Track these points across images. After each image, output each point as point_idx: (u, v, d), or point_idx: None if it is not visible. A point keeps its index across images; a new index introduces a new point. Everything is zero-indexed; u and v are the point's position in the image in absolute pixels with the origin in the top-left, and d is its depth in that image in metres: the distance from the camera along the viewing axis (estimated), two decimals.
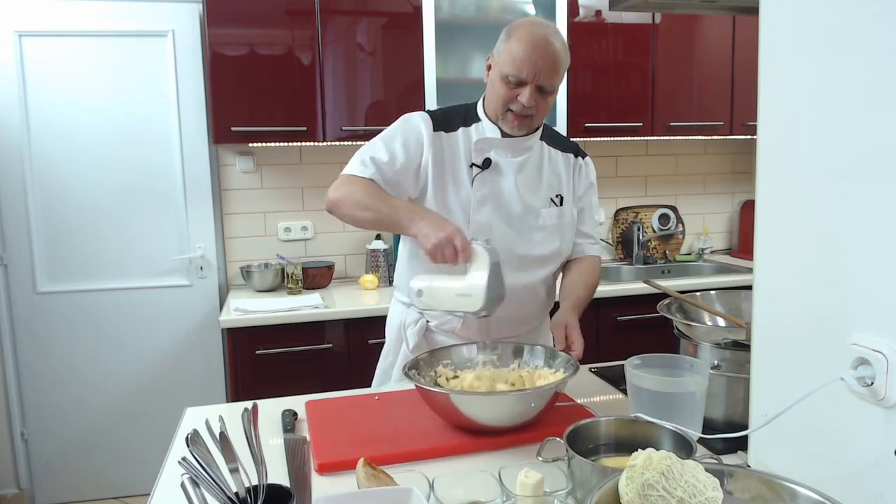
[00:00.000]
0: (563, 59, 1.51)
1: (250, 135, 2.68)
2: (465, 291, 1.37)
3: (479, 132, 1.62)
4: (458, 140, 1.61)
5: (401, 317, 1.72)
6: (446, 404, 1.23)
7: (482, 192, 1.58)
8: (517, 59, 1.48)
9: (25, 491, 2.94)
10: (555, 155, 1.69)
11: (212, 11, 2.56)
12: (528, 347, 1.47)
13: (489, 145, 1.59)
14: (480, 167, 1.58)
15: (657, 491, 0.77)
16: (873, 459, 0.85)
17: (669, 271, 3.36)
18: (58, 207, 2.84)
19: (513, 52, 1.49)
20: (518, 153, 1.61)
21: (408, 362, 1.37)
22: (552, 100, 1.56)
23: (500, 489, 0.94)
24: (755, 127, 1.03)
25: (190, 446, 0.81)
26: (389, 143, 1.58)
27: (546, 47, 1.48)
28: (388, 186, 1.55)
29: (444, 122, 1.62)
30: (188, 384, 3.01)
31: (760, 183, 1.02)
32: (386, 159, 1.55)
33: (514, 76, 1.49)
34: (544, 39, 1.48)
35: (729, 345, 1.29)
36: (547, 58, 1.48)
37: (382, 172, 1.55)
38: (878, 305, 0.83)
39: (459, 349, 1.48)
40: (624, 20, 2.94)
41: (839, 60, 0.87)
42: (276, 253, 3.03)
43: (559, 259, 1.69)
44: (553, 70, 1.49)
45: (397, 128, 1.62)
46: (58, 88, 2.78)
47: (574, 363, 1.35)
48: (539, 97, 1.51)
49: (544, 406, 1.24)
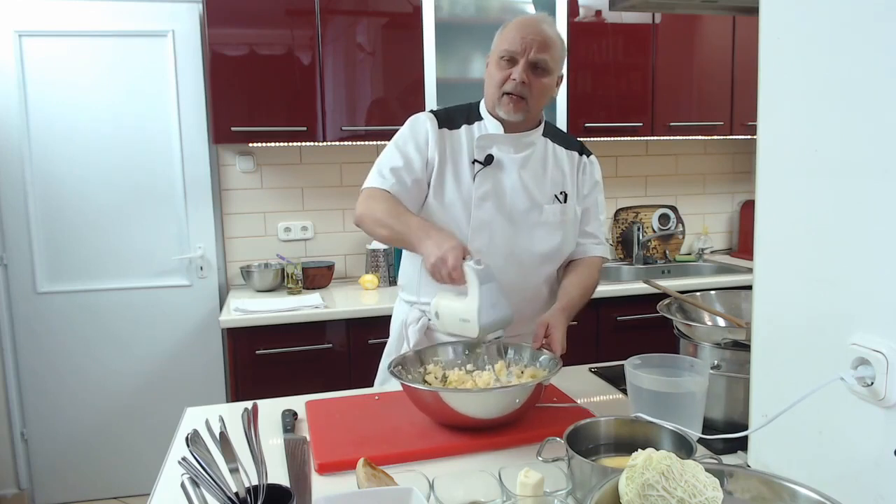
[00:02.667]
0: (555, 40, 1.55)
1: (250, 135, 2.68)
2: (465, 316, 1.34)
3: (481, 129, 1.63)
4: (462, 137, 1.62)
5: (403, 315, 1.72)
6: (432, 401, 1.24)
7: (484, 188, 1.58)
8: (508, 37, 1.54)
9: (25, 491, 2.94)
10: (559, 152, 1.69)
11: (212, 11, 2.56)
12: (513, 346, 1.47)
13: (491, 141, 1.60)
14: (482, 163, 1.59)
15: (657, 491, 0.77)
16: (873, 459, 0.85)
17: (669, 271, 3.36)
18: (58, 207, 2.84)
19: (505, 34, 1.56)
20: (521, 149, 1.62)
21: (393, 360, 1.38)
22: (547, 83, 1.57)
23: (500, 489, 0.94)
24: (755, 127, 1.03)
25: (190, 446, 0.81)
26: (403, 148, 1.60)
27: (536, 26, 1.54)
28: (409, 192, 1.57)
29: (447, 121, 1.64)
30: (188, 384, 3.01)
31: (760, 183, 1.02)
32: (402, 164, 1.58)
33: (507, 51, 1.53)
34: (535, 20, 1.56)
35: (729, 345, 1.29)
36: (537, 34, 1.53)
37: (401, 180, 1.57)
38: (878, 305, 0.83)
39: (446, 348, 1.47)
40: (624, 20, 2.94)
41: (839, 60, 0.87)
42: (276, 253, 3.03)
43: (560, 256, 1.68)
44: (544, 45, 1.53)
45: (407, 130, 1.64)
46: (58, 88, 2.78)
47: (557, 361, 1.35)
48: (532, 76, 1.54)
49: (527, 401, 1.25)
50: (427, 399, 1.25)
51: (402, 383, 1.27)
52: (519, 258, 1.61)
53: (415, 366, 1.41)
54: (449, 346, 1.48)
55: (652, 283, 1.68)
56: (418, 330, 1.65)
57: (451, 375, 1.38)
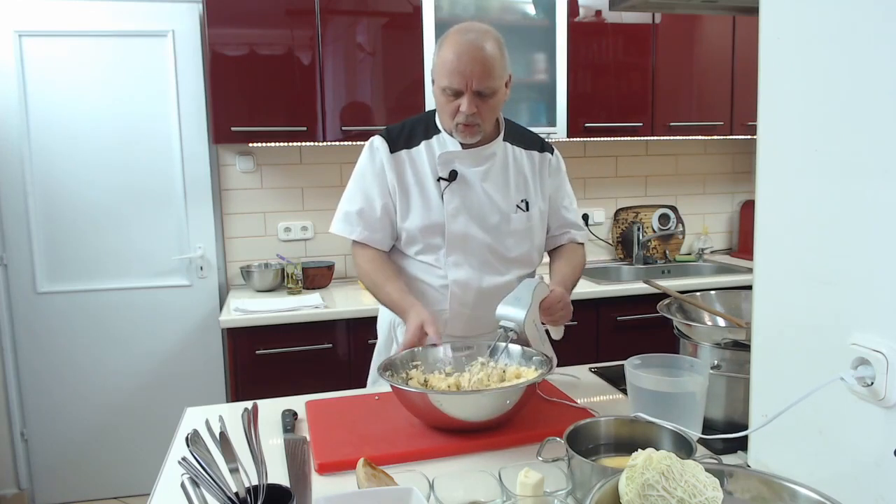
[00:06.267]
0: (496, 59, 1.49)
1: (250, 135, 2.68)
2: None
3: (440, 144, 1.62)
4: (422, 154, 1.62)
5: (389, 316, 1.73)
6: (422, 403, 1.23)
7: (453, 203, 1.59)
8: (448, 69, 1.48)
9: (25, 491, 2.94)
10: (519, 154, 1.68)
11: (212, 11, 2.56)
12: (503, 346, 1.45)
13: (452, 157, 1.60)
14: (448, 180, 1.59)
15: (657, 491, 0.77)
16: (873, 459, 0.85)
17: (669, 271, 3.36)
18: (58, 207, 2.84)
19: (443, 63, 1.49)
20: (481, 162, 1.61)
21: (381, 363, 1.37)
22: (496, 101, 1.54)
23: (500, 489, 0.94)
24: (755, 127, 1.03)
25: (190, 446, 0.81)
26: (361, 184, 1.64)
27: (474, 53, 1.46)
28: (378, 230, 1.61)
29: (405, 139, 1.63)
30: (188, 384, 3.01)
31: (760, 183, 1.02)
32: (362, 206, 1.61)
33: (449, 87, 1.49)
34: (473, 45, 1.47)
35: (729, 345, 1.29)
36: (475, 63, 1.46)
37: (367, 223, 1.61)
38: (878, 305, 0.83)
39: (435, 350, 1.45)
40: (624, 20, 2.94)
41: (839, 60, 0.87)
42: (276, 253, 3.03)
43: (530, 260, 1.70)
44: (485, 73, 1.47)
45: (365, 162, 1.65)
46: (58, 88, 2.78)
47: (549, 362, 1.34)
48: (480, 102, 1.50)
49: (519, 402, 1.24)
50: (417, 401, 1.24)
51: (392, 385, 1.26)
52: (494, 266, 1.64)
53: (405, 368, 1.40)
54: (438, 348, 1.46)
55: (652, 283, 1.69)
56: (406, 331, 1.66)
57: (431, 380, 1.37)
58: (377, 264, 1.61)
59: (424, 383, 1.37)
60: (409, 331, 1.45)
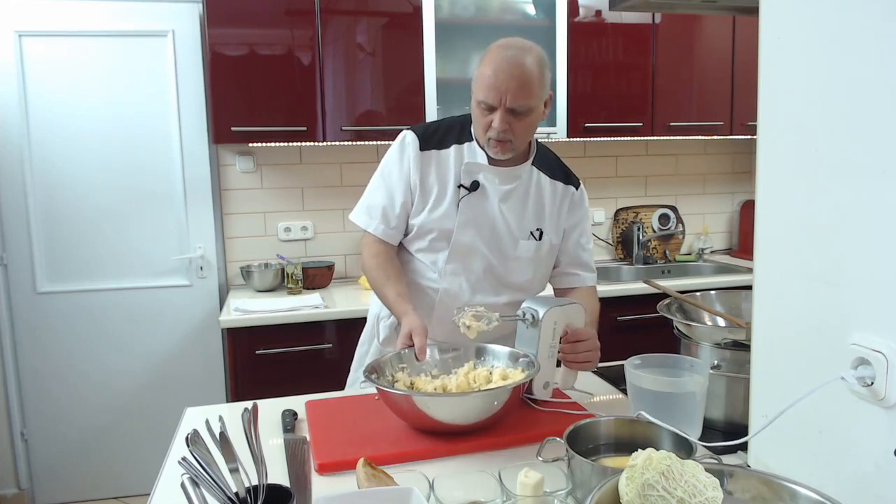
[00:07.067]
0: (534, 78, 1.45)
1: (250, 135, 2.68)
2: None
3: (470, 152, 1.60)
4: (450, 158, 1.60)
5: (376, 309, 1.74)
6: (408, 406, 1.23)
7: (466, 214, 1.58)
8: (484, 84, 1.46)
9: (25, 491, 2.94)
10: (544, 182, 1.65)
11: (212, 11, 2.56)
12: (490, 347, 1.45)
13: (477, 168, 1.59)
14: (468, 189, 1.58)
15: (657, 491, 0.77)
16: (873, 459, 0.85)
17: (669, 271, 3.36)
18: (58, 207, 2.84)
19: (482, 78, 1.47)
20: (506, 181, 1.60)
21: (367, 366, 1.36)
22: (531, 121, 1.51)
23: (500, 489, 0.94)
24: (755, 127, 1.03)
25: (190, 446, 0.81)
26: (387, 179, 1.62)
27: (512, 70, 1.44)
28: (395, 227, 1.61)
29: (437, 140, 1.62)
30: (188, 384, 3.01)
31: (760, 183, 1.02)
32: (385, 202, 1.61)
33: (484, 102, 1.47)
34: (511, 61, 1.44)
35: (729, 345, 1.29)
36: (512, 80, 1.43)
37: (386, 220, 1.61)
38: (878, 305, 0.83)
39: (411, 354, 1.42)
40: (624, 20, 2.94)
41: (839, 60, 0.87)
42: (276, 253, 3.03)
43: (530, 290, 1.66)
44: (521, 91, 1.44)
45: (394, 155, 1.63)
46: (58, 88, 2.78)
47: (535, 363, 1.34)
48: (513, 119, 1.47)
49: (506, 405, 1.23)
50: (402, 404, 1.24)
51: (377, 388, 1.24)
52: (489, 285, 1.62)
53: (392, 370, 1.39)
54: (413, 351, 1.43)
55: (652, 283, 1.69)
56: (388, 326, 1.68)
57: (417, 382, 1.36)
58: (381, 260, 1.60)
59: (411, 386, 1.36)
60: (399, 339, 1.44)
